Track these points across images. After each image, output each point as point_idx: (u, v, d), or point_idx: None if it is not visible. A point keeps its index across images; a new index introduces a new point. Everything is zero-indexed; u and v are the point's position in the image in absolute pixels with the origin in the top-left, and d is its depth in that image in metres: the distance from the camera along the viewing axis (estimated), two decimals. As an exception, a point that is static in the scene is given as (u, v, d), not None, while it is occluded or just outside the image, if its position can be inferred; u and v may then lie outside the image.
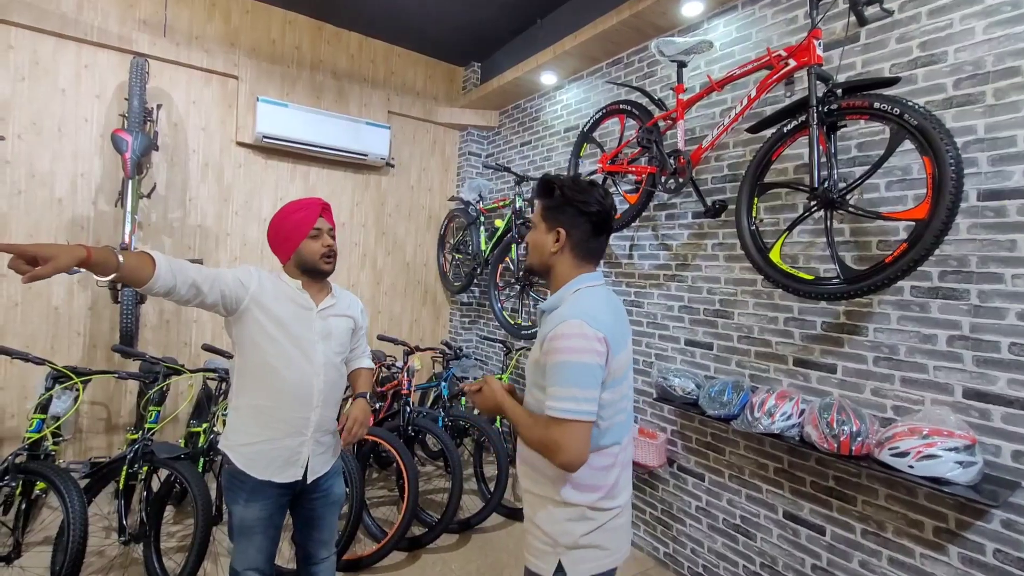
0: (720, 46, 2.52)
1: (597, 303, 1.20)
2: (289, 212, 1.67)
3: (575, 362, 1.11)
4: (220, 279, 1.51)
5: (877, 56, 1.95)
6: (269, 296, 1.59)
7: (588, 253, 1.27)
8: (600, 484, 1.20)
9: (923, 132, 1.49)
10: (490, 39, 4.11)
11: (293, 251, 1.65)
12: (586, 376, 1.11)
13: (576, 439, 1.11)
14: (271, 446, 1.59)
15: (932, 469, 1.59)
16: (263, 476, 1.58)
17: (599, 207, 1.23)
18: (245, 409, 1.60)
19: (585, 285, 1.24)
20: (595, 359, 1.12)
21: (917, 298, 1.81)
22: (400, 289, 4.44)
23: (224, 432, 1.65)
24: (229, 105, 3.64)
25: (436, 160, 4.59)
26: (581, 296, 1.21)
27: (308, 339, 1.64)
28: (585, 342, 1.11)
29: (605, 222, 1.25)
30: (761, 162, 1.97)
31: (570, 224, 1.24)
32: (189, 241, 3.53)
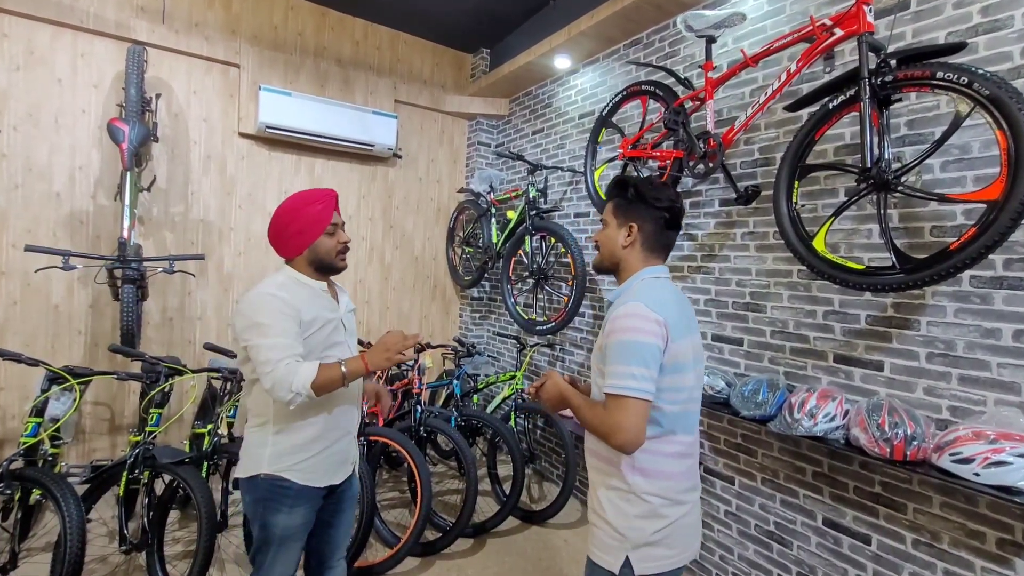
0: (750, 20, 2.35)
1: (660, 292, 1.23)
2: (302, 205, 1.55)
3: (631, 340, 1.14)
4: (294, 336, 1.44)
5: (931, 24, 1.78)
6: (307, 312, 1.50)
7: (657, 247, 1.31)
8: (670, 471, 1.21)
9: (997, 103, 1.33)
10: (500, 23, 3.95)
11: (307, 247, 1.55)
12: (643, 354, 1.13)
13: (633, 416, 1.11)
14: (327, 453, 1.56)
15: (1001, 477, 1.44)
16: (324, 483, 1.55)
17: (670, 203, 1.28)
18: (292, 430, 1.50)
19: (650, 276, 1.28)
20: (652, 339, 1.13)
21: (978, 288, 1.65)
22: (409, 284, 4.32)
23: (267, 456, 1.48)
24: (231, 95, 3.51)
25: (444, 150, 4.45)
26: (645, 285, 1.25)
27: (345, 341, 1.64)
28: (643, 322, 1.14)
29: (676, 218, 1.30)
30: (803, 142, 1.81)
31: (642, 219, 1.29)
32: (191, 236, 3.42)
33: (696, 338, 1.28)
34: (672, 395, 1.18)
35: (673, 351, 1.16)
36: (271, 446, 1.49)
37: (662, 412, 1.18)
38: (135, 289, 2.74)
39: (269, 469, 1.48)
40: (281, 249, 1.59)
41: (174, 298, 3.37)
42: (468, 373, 3.51)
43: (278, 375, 1.37)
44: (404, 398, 3.17)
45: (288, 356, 1.39)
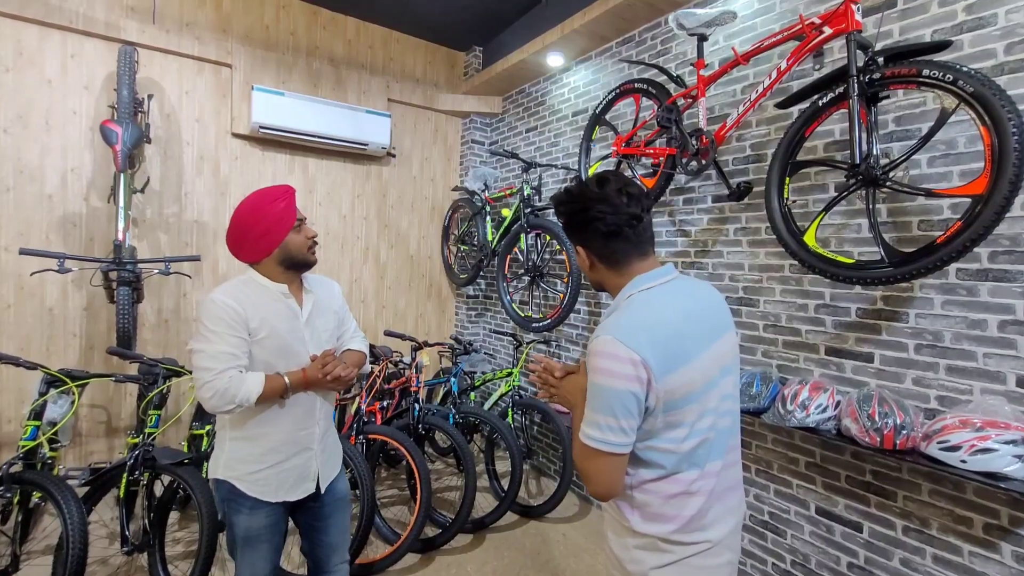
0: (741, 18, 2.38)
1: (649, 311, 1.02)
2: (265, 203, 1.48)
3: (600, 385, 0.98)
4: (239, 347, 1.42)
5: (917, 22, 1.81)
6: (254, 319, 1.45)
7: (622, 256, 1.08)
8: (673, 514, 1.02)
9: (981, 100, 1.36)
10: (492, 21, 3.96)
11: (276, 247, 1.49)
12: (612, 402, 0.96)
13: (599, 470, 0.99)
14: (279, 469, 1.50)
15: (988, 464, 1.48)
16: (276, 498, 1.50)
17: (601, 206, 1.04)
18: (245, 439, 1.49)
19: (640, 289, 1.06)
20: (626, 385, 0.95)
21: (964, 281, 1.69)
22: (404, 283, 4.33)
23: (223, 461, 1.49)
24: (223, 95, 3.49)
25: (438, 149, 4.46)
26: (632, 304, 1.05)
27: (302, 352, 1.53)
28: (616, 364, 0.96)
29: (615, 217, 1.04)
30: (793, 139, 1.84)
31: (583, 237, 1.11)
32: (186, 237, 3.41)
33: (712, 353, 1.04)
34: (671, 433, 1.00)
35: (662, 390, 0.97)
36: (227, 452, 1.49)
37: (661, 452, 1.01)
38: (131, 291, 2.73)
39: (223, 475, 1.48)
40: (247, 254, 1.50)
41: (169, 299, 3.36)
42: (465, 370, 3.53)
43: (219, 385, 1.35)
44: (402, 396, 3.19)
45: (231, 366, 1.38)
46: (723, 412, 1.06)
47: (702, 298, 1.10)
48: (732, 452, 1.10)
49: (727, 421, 1.07)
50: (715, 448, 1.05)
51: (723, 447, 1.06)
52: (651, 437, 1.01)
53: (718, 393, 1.05)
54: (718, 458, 1.05)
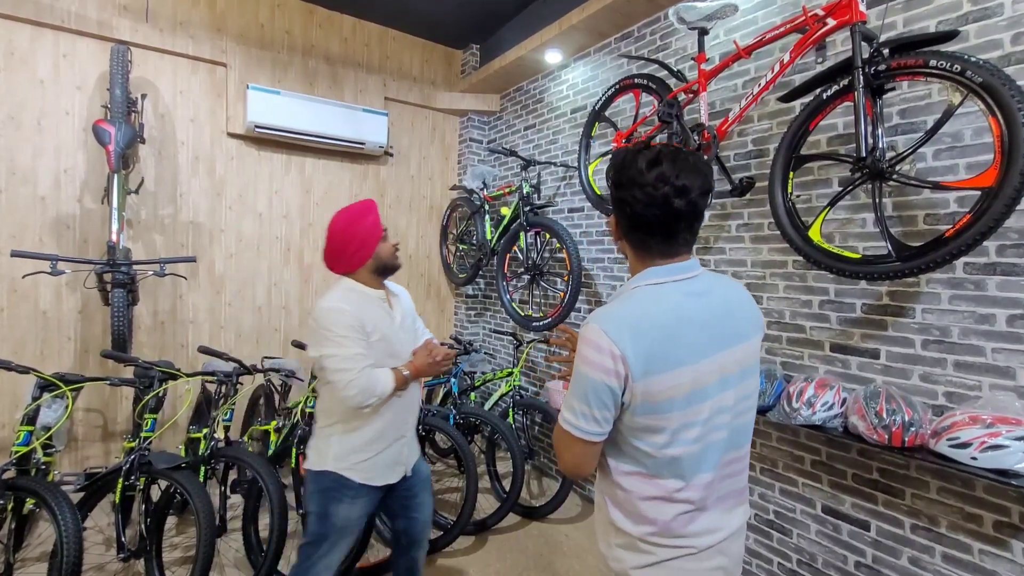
0: (743, 12, 2.35)
1: (644, 309, 0.97)
2: (356, 219, 1.66)
3: (583, 374, 0.96)
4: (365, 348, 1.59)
5: (922, 13, 1.79)
6: (369, 323, 1.62)
7: (641, 245, 1.02)
8: (651, 517, 0.99)
9: (990, 90, 1.34)
10: (490, 18, 3.93)
11: (370, 257, 1.67)
12: (588, 391, 0.95)
13: (569, 451, 1.01)
14: (384, 455, 1.69)
15: (998, 461, 1.46)
16: (381, 482, 1.69)
17: (638, 191, 0.96)
18: (355, 431, 1.64)
19: (648, 282, 1.01)
20: (602, 376, 0.93)
21: (972, 275, 1.67)
22: (403, 283, 4.24)
23: (332, 454, 1.64)
24: (218, 94, 3.46)
25: (436, 148, 4.43)
26: (632, 296, 1.00)
27: (403, 349, 1.75)
28: (596, 354, 0.94)
29: (648, 209, 0.96)
30: (797, 132, 1.82)
31: (616, 210, 1.04)
32: (181, 239, 3.37)
33: (713, 362, 0.98)
34: (649, 437, 0.97)
35: (640, 390, 0.93)
36: (336, 446, 1.63)
37: (641, 453, 0.99)
38: (125, 293, 2.70)
39: (333, 467, 1.62)
40: (343, 266, 1.68)
41: (165, 301, 3.33)
42: (465, 371, 3.50)
43: (362, 383, 1.53)
44: (401, 397, 3.16)
45: (365, 365, 1.55)
46: (718, 425, 0.99)
47: (718, 303, 1.02)
48: (730, 465, 1.04)
49: (721, 435, 1.00)
50: (705, 461, 0.99)
51: (715, 460, 1.00)
52: (632, 435, 0.99)
53: (712, 405, 0.98)
54: (708, 471, 0.99)
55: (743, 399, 1.04)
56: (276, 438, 2.67)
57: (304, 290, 3.82)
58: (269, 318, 3.68)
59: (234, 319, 3.55)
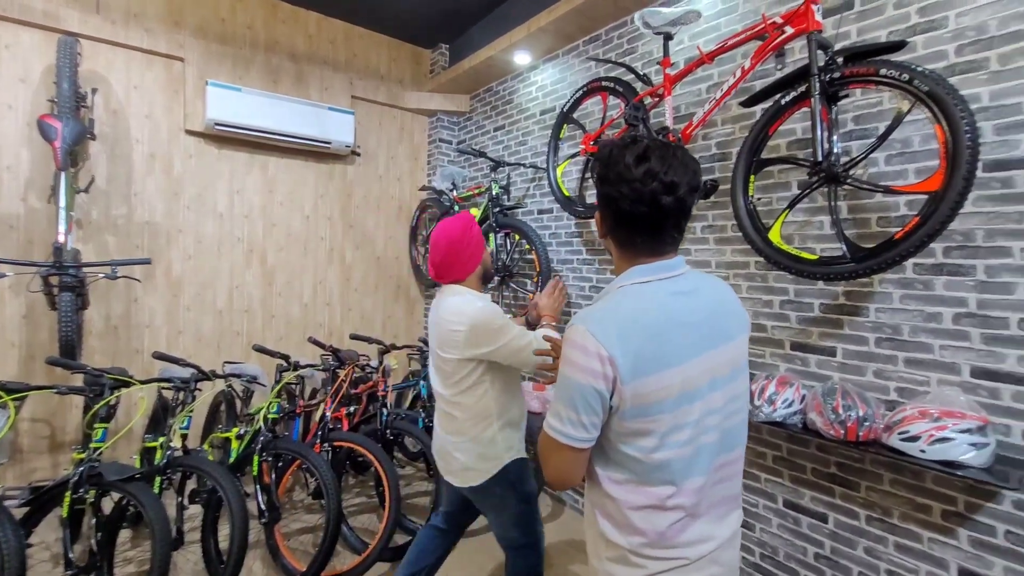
0: (706, 18, 2.40)
1: (630, 309, 0.95)
2: (466, 228, 1.77)
3: (569, 378, 0.93)
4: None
5: (874, 24, 1.86)
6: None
7: (627, 242, 1.00)
8: (642, 528, 0.96)
9: (936, 99, 1.40)
10: (458, 18, 3.91)
11: (479, 264, 1.79)
12: (575, 396, 0.92)
13: (556, 459, 0.98)
14: (523, 427, 1.86)
15: (945, 452, 1.53)
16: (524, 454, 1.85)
17: (625, 187, 0.93)
18: (510, 423, 1.77)
19: (632, 281, 0.98)
20: (589, 380, 0.90)
21: (920, 275, 1.75)
22: (371, 285, 4.23)
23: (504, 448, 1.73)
24: (175, 90, 3.33)
25: (405, 148, 4.37)
26: (617, 296, 0.98)
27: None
28: (583, 357, 0.91)
29: (634, 206, 0.94)
30: (757, 137, 1.87)
31: (601, 207, 1.02)
32: (136, 240, 3.23)
33: (702, 362, 0.95)
34: (637, 441, 0.94)
35: (628, 393, 0.91)
36: (502, 441, 1.73)
37: (629, 459, 0.96)
38: (74, 297, 2.57)
39: (512, 456, 1.74)
40: (455, 273, 1.76)
41: (118, 305, 3.18)
42: (435, 373, 3.46)
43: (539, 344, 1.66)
44: (369, 401, 3.10)
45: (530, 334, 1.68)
46: (708, 427, 0.96)
47: (704, 303, 0.99)
48: (722, 469, 1.00)
49: (712, 437, 0.97)
50: (695, 465, 0.96)
51: (706, 464, 0.97)
52: (620, 440, 0.96)
53: (702, 406, 0.95)
54: (699, 475, 0.96)
55: (733, 399, 1.01)
56: (238, 445, 2.59)
57: (267, 292, 3.72)
58: (231, 321, 3.56)
59: (193, 323, 3.43)
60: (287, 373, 2.78)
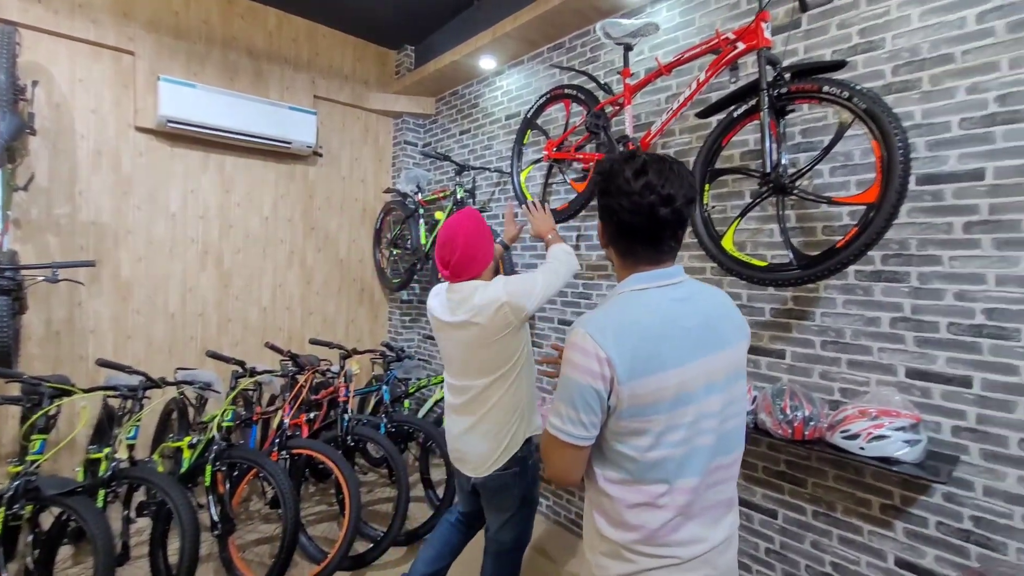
0: (664, 31, 2.47)
1: (629, 313, 1.00)
2: (479, 224, 1.80)
3: (570, 378, 1.00)
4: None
5: (819, 42, 1.96)
6: None
7: (628, 252, 1.06)
8: (636, 524, 1.00)
9: (872, 116, 1.49)
10: (424, 20, 3.89)
11: (492, 258, 1.83)
12: (575, 395, 0.98)
13: (557, 457, 1.04)
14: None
15: (882, 449, 1.61)
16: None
17: (625, 200, 0.99)
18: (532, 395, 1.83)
19: (631, 288, 1.04)
20: (587, 379, 0.96)
21: (861, 282, 1.84)
22: (334, 288, 4.15)
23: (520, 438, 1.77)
24: (125, 84, 3.19)
25: (369, 149, 4.32)
26: (617, 301, 1.04)
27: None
28: (582, 357, 0.97)
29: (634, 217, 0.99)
30: (711, 148, 1.93)
31: (603, 218, 1.08)
32: (81, 240, 3.08)
33: (698, 367, 0.99)
34: (633, 440, 0.99)
35: (625, 393, 0.95)
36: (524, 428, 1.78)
37: (624, 457, 1.00)
38: (10, 301, 2.42)
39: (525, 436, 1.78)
40: (474, 269, 1.77)
41: (61, 310, 3.02)
42: (399, 377, 3.43)
43: (556, 258, 1.84)
44: (330, 407, 3.04)
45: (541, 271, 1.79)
46: (703, 430, 1.00)
47: (701, 309, 1.04)
48: (717, 472, 1.03)
49: (707, 440, 1.00)
50: (689, 465, 0.99)
51: (701, 466, 1.00)
52: (616, 439, 1.01)
53: (696, 409, 0.99)
54: (693, 476, 1.00)
55: (729, 404, 1.04)
56: (190, 455, 2.49)
57: (223, 295, 3.60)
58: (184, 326, 3.43)
59: (143, 328, 3.28)
60: (243, 379, 2.70)
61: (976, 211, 1.61)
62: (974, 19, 1.61)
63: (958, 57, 1.64)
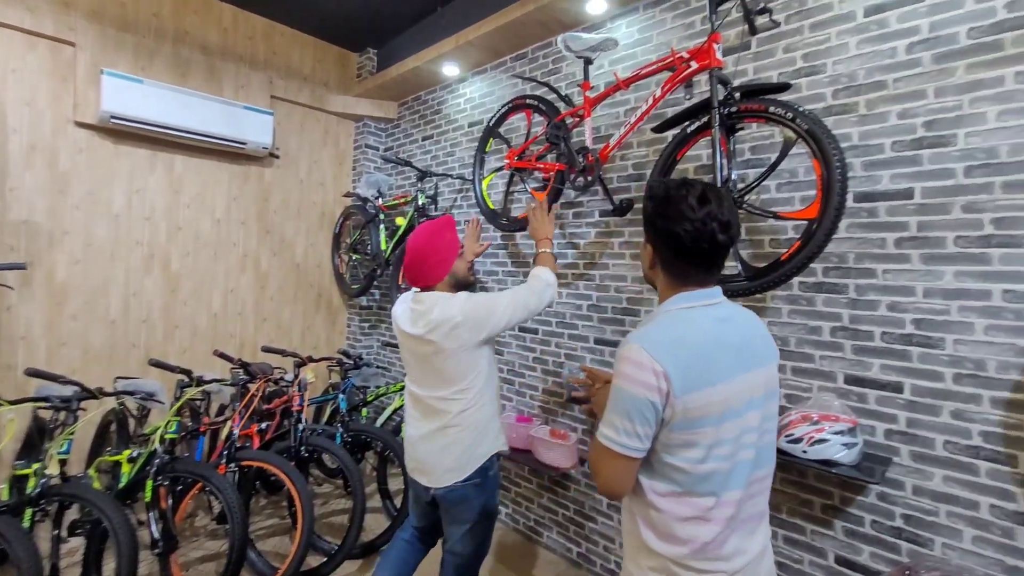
0: (623, 46, 2.54)
1: (681, 329, 1.05)
2: (436, 233, 1.75)
3: (620, 388, 1.02)
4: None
5: (767, 64, 2.06)
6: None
7: (680, 274, 1.10)
8: (684, 537, 1.02)
9: (814, 136, 1.57)
10: (387, 24, 3.86)
11: (448, 272, 1.75)
12: (628, 406, 1.01)
13: (610, 469, 1.05)
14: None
15: (822, 452, 1.69)
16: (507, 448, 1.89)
17: (688, 225, 1.03)
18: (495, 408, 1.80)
19: (677, 307, 1.09)
20: (643, 392, 0.99)
21: (805, 293, 1.94)
22: (289, 293, 4.03)
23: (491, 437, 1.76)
24: (64, 77, 3.02)
25: (328, 152, 4.23)
26: (666, 318, 1.08)
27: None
28: (637, 370, 1.00)
29: (696, 242, 1.04)
30: (667, 162, 1.99)
31: (656, 241, 1.11)
32: (11, 240, 2.88)
33: (740, 383, 1.05)
34: (685, 452, 1.02)
35: (679, 406, 0.99)
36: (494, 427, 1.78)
37: (676, 470, 1.03)
38: (-73, 305, 2.23)
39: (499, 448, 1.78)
40: (423, 280, 1.75)
41: (-14, 314, 2.81)
42: (356, 385, 3.36)
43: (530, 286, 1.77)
44: (283, 416, 2.94)
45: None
46: (745, 444, 1.05)
47: (740, 328, 1.10)
48: (756, 484, 1.09)
49: (749, 454, 1.06)
50: (733, 478, 1.04)
51: (743, 478, 1.05)
52: (667, 451, 1.03)
53: (739, 424, 1.04)
54: (737, 488, 1.04)
55: (766, 419, 1.10)
56: (129, 469, 2.35)
57: (170, 300, 3.44)
58: (126, 333, 3.26)
59: (80, 334, 3.09)
60: (189, 389, 2.58)
61: (906, 228, 1.72)
62: (904, 49, 1.74)
63: (890, 84, 1.76)
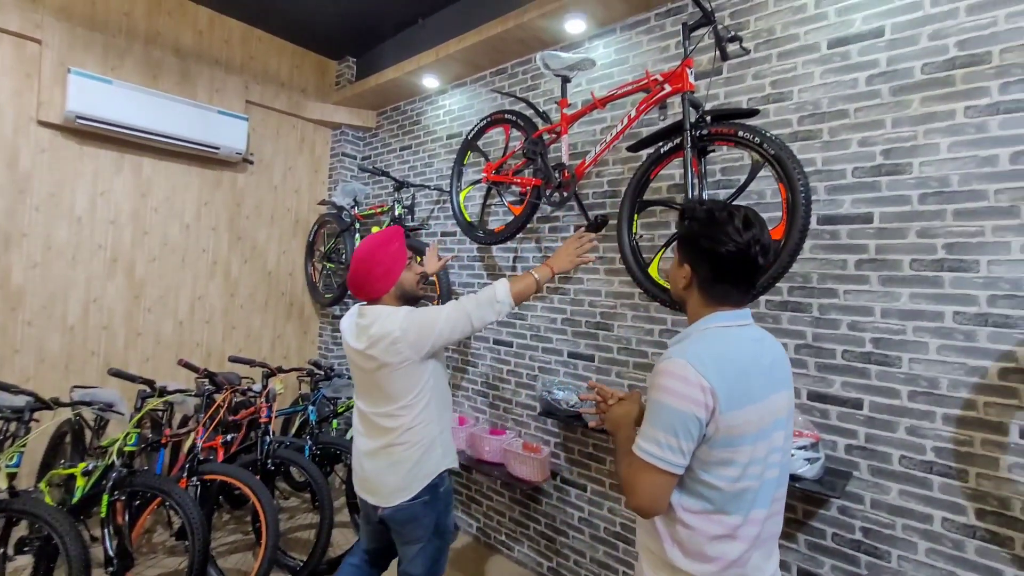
0: (601, 66, 2.60)
1: (721, 346, 1.06)
2: (380, 245, 1.72)
3: (665, 403, 1.02)
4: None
5: (737, 89, 2.13)
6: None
7: (720, 294, 1.12)
8: (712, 555, 1.04)
9: (779, 161, 1.63)
10: (367, 33, 3.86)
11: (394, 284, 1.72)
12: (673, 421, 1.00)
13: (649, 485, 1.03)
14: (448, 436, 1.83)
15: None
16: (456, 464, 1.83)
17: (732, 246, 1.05)
18: (446, 417, 1.78)
19: (716, 325, 1.10)
20: (691, 408, 0.99)
21: (771, 311, 2.00)
22: (260, 301, 3.94)
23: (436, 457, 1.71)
24: (28, 74, 2.92)
25: (304, 159, 4.18)
26: (707, 336, 1.09)
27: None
28: (683, 385, 1.00)
29: (739, 264, 1.07)
30: (640, 180, 2.04)
31: (696, 261, 1.13)
32: (-37, 241, 2.75)
33: (771, 403, 1.07)
34: (722, 470, 1.03)
35: (723, 423, 1.00)
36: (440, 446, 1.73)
37: (710, 487, 1.04)
38: None
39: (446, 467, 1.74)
40: (366, 292, 1.72)
41: (-67, 319, 2.67)
42: (327, 396, 3.30)
43: (477, 299, 1.71)
44: (250, 428, 2.87)
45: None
46: (771, 463, 1.08)
47: (768, 350, 1.13)
48: (777, 502, 1.12)
49: (774, 473, 1.09)
50: (760, 497, 1.06)
51: (768, 498, 1.08)
52: (703, 468, 1.04)
53: (767, 444, 1.06)
54: (763, 507, 1.07)
55: (787, 439, 1.13)
56: (84, 483, 2.26)
57: (134, 307, 3.32)
58: (85, 340, 3.13)
59: (35, 340, 2.97)
60: (151, 399, 2.50)
61: (866, 250, 1.80)
62: (864, 81, 1.83)
63: (852, 113, 1.85)
